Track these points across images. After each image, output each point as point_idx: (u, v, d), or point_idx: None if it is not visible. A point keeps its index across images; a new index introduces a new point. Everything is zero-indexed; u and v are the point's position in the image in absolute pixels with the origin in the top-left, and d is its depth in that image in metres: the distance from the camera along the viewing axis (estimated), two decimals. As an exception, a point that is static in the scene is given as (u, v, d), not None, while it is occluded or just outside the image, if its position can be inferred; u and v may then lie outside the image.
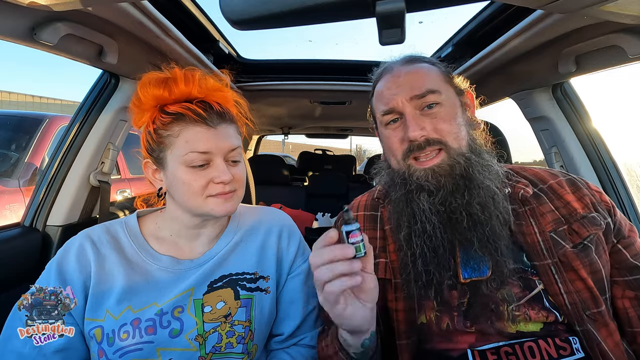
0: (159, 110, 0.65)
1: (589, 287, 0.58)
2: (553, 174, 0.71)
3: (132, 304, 0.63)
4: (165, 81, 0.64)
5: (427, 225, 0.61)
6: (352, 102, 1.98)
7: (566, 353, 0.55)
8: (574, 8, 0.56)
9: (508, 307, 0.58)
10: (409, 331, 0.62)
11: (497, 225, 0.60)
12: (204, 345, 0.63)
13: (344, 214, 0.51)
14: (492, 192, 0.62)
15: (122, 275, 0.65)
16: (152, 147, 0.66)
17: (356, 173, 4.15)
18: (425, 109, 0.64)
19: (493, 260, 0.60)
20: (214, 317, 0.65)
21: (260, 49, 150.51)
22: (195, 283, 0.66)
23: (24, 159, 2.32)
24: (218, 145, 0.64)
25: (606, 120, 1.39)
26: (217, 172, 0.63)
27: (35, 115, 2.61)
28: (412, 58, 0.71)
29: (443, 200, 0.62)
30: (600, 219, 0.63)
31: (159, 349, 0.61)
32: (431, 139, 0.62)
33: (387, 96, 0.67)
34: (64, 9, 0.64)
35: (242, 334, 0.66)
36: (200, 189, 0.63)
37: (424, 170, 0.63)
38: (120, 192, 2.70)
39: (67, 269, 0.65)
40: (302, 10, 0.46)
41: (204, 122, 0.63)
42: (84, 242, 0.67)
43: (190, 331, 0.63)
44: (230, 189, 0.65)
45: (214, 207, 0.65)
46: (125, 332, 0.61)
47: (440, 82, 0.66)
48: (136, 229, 0.71)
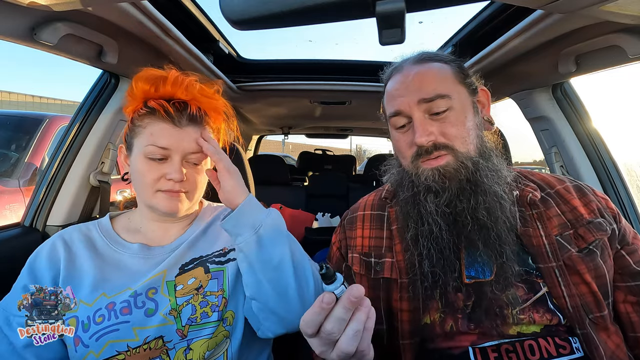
0: (142, 103, 0.69)
1: (593, 291, 0.58)
2: (560, 180, 0.71)
3: (106, 291, 0.65)
4: (156, 79, 0.68)
5: (434, 227, 0.61)
6: (352, 102, 1.98)
7: (566, 352, 0.55)
8: (574, 8, 0.56)
9: (512, 310, 0.58)
10: (413, 331, 0.62)
11: (504, 230, 0.60)
12: (179, 319, 0.64)
13: (326, 273, 0.44)
14: (499, 197, 0.62)
15: (92, 268, 0.67)
16: (128, 133, 0.71)
17: (356, 173, 4.15)
18: (434, 115, 0.63)
19: (498, 263, 0.60)
20: (185, 291, 0.66)
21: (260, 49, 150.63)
22: (167, 266, 0.68)
23: (24, 159, 2.32)
24: (179, 144, 0.67)
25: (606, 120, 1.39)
26: (170, 168, 0.67)
27: (35, 115, 2.61)
28: (424, 57, 0.68)
29: (448, 202, 0.61)
30: (606, 224, 0.63)
31: (135, 328, 0.62)
32: (438, 144, 0.62)
33: (395, 98, 0.66)
34: (64, 9, 0.64)
35: (215, 302, 0.67)
36: (152, 181, 0.67)
37: (431, 170, 0.62)
38: (120, 192, 2.69)
39: (38, 266, 0.67)
40: (302, 10, 0.46)
41: (171, 121, 0.67)
42: (56, 241, 0.70)
43: (164, 308, 0.64)
44: (180, 188, 0.68)
45: (160, 201, 0.68)
46: (101, 315, 0.62)
47: (451, 84, 0.64)
48: (108, 225, 0.75)
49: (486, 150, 0.65)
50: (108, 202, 1.21)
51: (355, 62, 1.68)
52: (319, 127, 3.37)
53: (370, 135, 4.01)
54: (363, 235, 0.73)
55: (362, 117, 2.57)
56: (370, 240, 0.72)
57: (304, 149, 4.78)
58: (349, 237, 0.75)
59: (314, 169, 3.95)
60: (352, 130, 3.62)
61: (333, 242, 0.79)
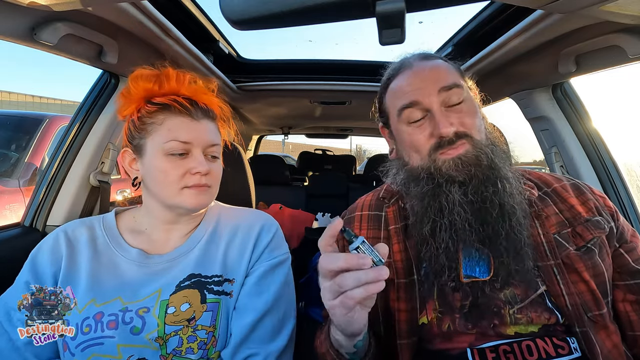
0: (145, 102, 0.67)
1: (592, 290, 0.58)
2: (557, 178, 0.71)
3: (96, 297, 0.63)
4: (157, 76, 0.67)
5: (457, 217, 0.60)
6: (352, 102, 1.98)
7: (564, 352, 0.55)
8: (574, 8, 0.56)
9: (510, 309, 0.58)
10: (410, 331, 0.62)
11: (521, 216, 0.61)
12: (165, 346, 0.62)
13: (344, 235, 0.49)
14: (515, 184, 0.63)
15: (88, 266, 0.65)
16: (132, 134, 0.68)
17: (356, 173, 4.15)
18: (450, 107, 0.64)
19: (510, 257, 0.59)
20: (176, 319, 0.62)
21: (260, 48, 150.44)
22: (163, 284, 0.65)
23: (24, 159, 2.32)
24: (199, 137, 0.66)
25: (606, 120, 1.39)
26: (195, 163, 0.65)
27: (35, 115, 2.61)
28: (428, 54, 0.71)
29: (476, 189, 0.61)
30: (604, 222, 0.63)
31: (119, 345, 0.60)
32: (460, 132, 0.62)
33: (408, 91, 0.66)
34: (64, 9, 0.64)
35: (204, 339, 0.63)
36: (177, 178, 0.64)
37: (452, 160, 0.62)
38: (120, 192, 2.70)
39: (40, 262, 0.66)
40: (302, 10, 0.46)
41: (189, 114, 0.66)
42: (59, 236, 0.69)
43: (151, 332, 0.61)
44: (206, 182, 0.66)
45: (187, 198, 0.65)
46: (88, 325, 0.61)
47: (459, 78, 0.67)
48: (112, 222, 0.73)
49: (494, 139, 0.66)
50: (108, 202, 1.21)
51: (355, 62, 1.68)
52: (319, 127, 3.37)
53: (370, 135, 4.01)
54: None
55: (362, 117, 2.57)
56: (368, 240, 0.72)
57: (304, 149, 4.78)
58: None
59: (314, 169, 3.95)
60: (352, 130, 3.62)
61: None
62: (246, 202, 1.13)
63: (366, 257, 0.46)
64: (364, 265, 0.45)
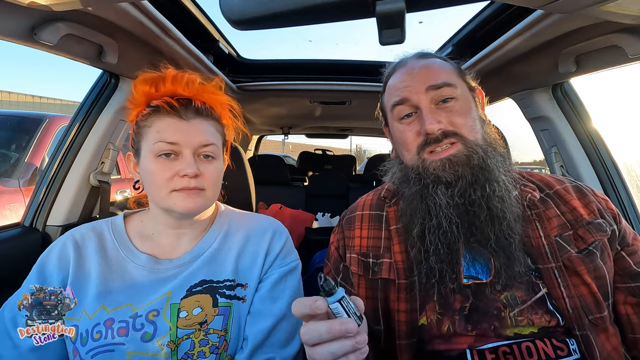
0: (144, 105, 0.68)
1: (593, 292, 0.58)
2: (559, 180, 0.71)
3: (107, 303, 0.63)
4: (155, 79, 0.66)
5: (443, 221, 0.60)
6: (352, 102, 1.98)
7: (564, 353, 0.55)
8: (574, 8, 0.56)
9: (510, 312, 0.58)
10: (409, 332, 0.62)
11: (512, 220, 0.60)
12: (176, 352, 0.61)
13: (323, 285, 0.45)
14: (507, 188, 0.62)
15: (98, 272, 0.65)
16: (133, 139, 0.69)
17: (356, 173, 4.15)
18: (441, 103, 0.63)
19: (501, 261, 0.59)
20: (188, 323, 0.62)
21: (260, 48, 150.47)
22: (173, 287, 0.64)
23: (24, 159, 2.32)
24: (188, 138, 0.64)
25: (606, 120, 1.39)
26: (182, 164, 0.63)
27: (35, 115, 2.61)
28: (425, 53, 0.71)
29: (462, 191, 0.60)
30: (606, 225, 0.62)
31: (129, 352, 0.60)
32: (447, 131, 0.62)
33: (400, 88, 0.66)
34: (64, 9, 0.64)
35: (216, 343, 0.63)
36: (165, 181, 0.63)
37: (440, 160, 0.62)
38: (120, 192, 2.70)
39: (48, 267, 0.66)
40: (302, 10, 0.46)
41: (177, 114, 0.64)
42: (67, 241, 0.68)
43: (163, 336, 0.61)
44: (195, 184, 0.63)
45: (177, 201, 0.63)
46: (98, 332, 0.61)
47: (455, 77, 0.66)
48: (121, 226, 0.72)
49: (492, 141, 0.66)
50: (108, 202, 1.21)
51: (355, 62, 1.68)
52: (318, 127, 3.37)
53: (370, 135, 4.01)
54: (361, 235, 0.73)
55: (362, 117, 2.57)
56: (369, 240, 0.71)
57: (304, 149, 4.78)
58: (347, 237, 0.75)
59: (314, 169, 3.95)
60: (352, 130, 3.62)
61: (331, 242, 0.79)
62: (246, 202, 1.13)
63: (350, 322, 0.43)
64: (349, 332, 0.42)
